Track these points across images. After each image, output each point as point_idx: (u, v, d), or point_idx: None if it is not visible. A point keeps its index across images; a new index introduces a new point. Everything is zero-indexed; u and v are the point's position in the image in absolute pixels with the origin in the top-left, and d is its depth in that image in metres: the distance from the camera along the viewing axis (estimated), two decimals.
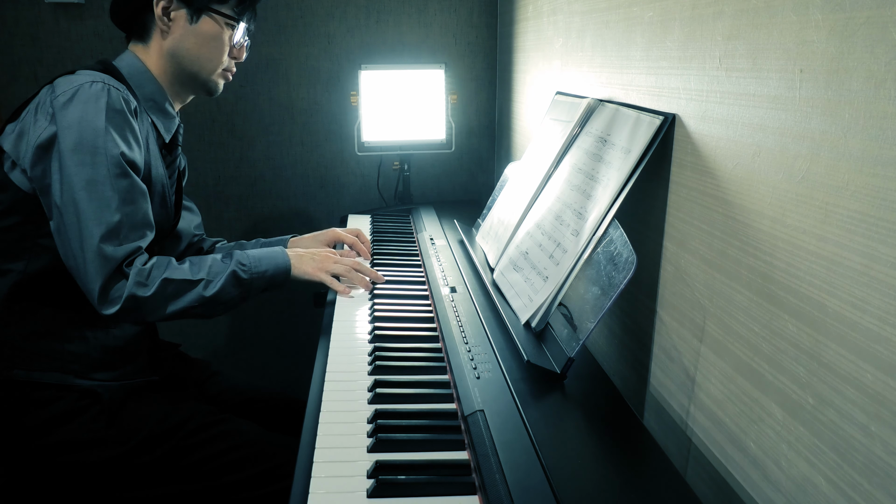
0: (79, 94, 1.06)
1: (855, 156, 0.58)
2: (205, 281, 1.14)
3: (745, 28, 0.73)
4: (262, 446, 1.16)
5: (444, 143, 1.92)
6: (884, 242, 0.55)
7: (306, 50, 1.97)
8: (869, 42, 0.56)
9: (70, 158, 1.04)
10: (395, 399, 0.91)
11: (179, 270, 1.13)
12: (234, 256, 1.19)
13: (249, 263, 1.19)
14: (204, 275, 1.14)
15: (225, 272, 1.16)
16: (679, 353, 0.90)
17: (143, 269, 1.09)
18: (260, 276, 1.20)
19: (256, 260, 1.20)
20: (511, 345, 0.99)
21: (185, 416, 1.16)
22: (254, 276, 1.19)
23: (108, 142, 1.06)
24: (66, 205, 1.04)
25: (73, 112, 1.05)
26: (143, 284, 1.08)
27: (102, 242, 1.05)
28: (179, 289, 1.12)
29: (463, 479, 0.75)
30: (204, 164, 2.02)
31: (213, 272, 1.16)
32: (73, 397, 1.11)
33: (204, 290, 1.13)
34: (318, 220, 2.12)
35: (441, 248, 1.48)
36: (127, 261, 1.08)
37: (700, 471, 0.86)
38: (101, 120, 1.06)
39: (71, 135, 1.04)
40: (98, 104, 1.06)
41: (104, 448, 1.10)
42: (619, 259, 0.86)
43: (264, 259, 1.22)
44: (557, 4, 1.42)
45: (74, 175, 1.04)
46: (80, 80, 1.08)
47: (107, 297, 1.06)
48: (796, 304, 0.67)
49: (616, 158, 0.96)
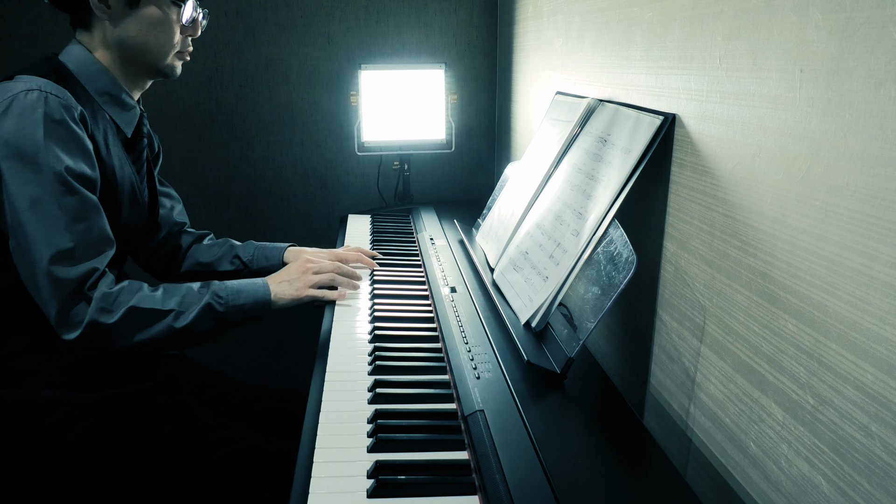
0: (13, 106, 0.98)
1: (855, 156, 0.58)
2: (175, 312, 1.07)
3: (745, 28, 0.73)
4: (259, 451, 1.14)
5: (444, 143, 1.92)
6: (884, 242, 0.55)
7: (306, 50, 1.97)
8: (869, 42, 0.56)
9: (11, 177, 0.97)
10: (395, 399, 0.91)
11: (149, 298, 1.06)
12: (211, 287, 1.13)
13: (227, 296, 1.13)
14: (175, 305, 1.08)
15: (198, 304, 1.09)
16: (679, 353, 0.90)
17: (109, 295, 1.03)
18: (237, 310, 1.13)
19: (235, 292, 1.14)
20: (511, 345, 0.99)
21: (180, 422, 1.13)
22: (230, 310, 1.13)
23: (49, 157, 0.98)
24: (14, 226, 0.98)
25: (9, 126, 0.97)
26: (106, 311, 1.02)
27: (53, 265, 0.98)
28: (147, 318, 1.05)
29: (463, 479, 0.75)
30: (204, 164, 2.02)
31: (187, 303, 1.09)
32: (63, 410, 1.07)
33: (174, 322, 1.07)
34: (318, 220, 2.12)
35: (441, 248, 1.48)
36: (88, 283, 1.01)
37: (700, 471, 0.86)
38: (39, 133, 0.97)
39: (9, 151, 0.97)
40: (35, 116, 0.98)
41: (98, 459, 1.07)
42: (619, 259, 0.86)
43: (244, 291, 1.15)
44: (557, 4, 1.42)
45: (18, 195, 0.97)
46: (15, 88, 0.99)
47: (66, 322, 1.00)
48: (796, 304, 0.67)
49: (616, 158, 0.96)
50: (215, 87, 1.96)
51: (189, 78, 1.94)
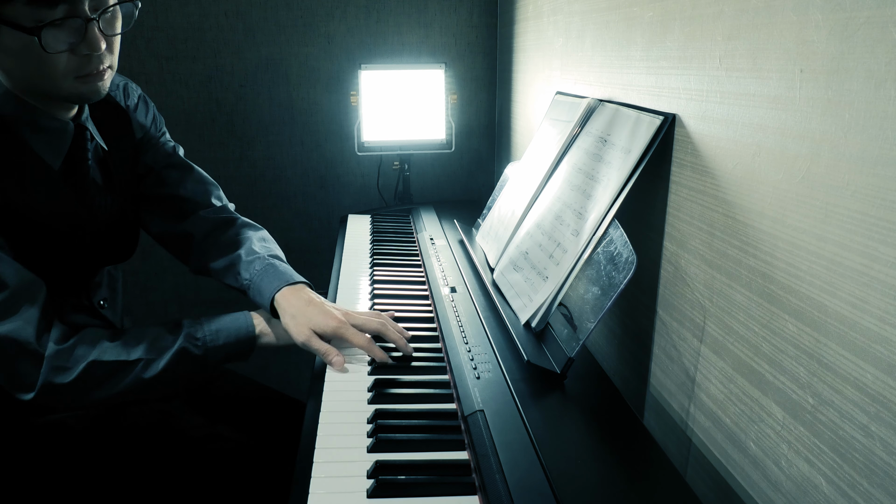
0: None
1: (855, 156, 0.58)
2: (144, 361, 0.95)
3: (745, 28, 0.73)
4: (253, 453, 1.12)
5: (444, 143, 1.92)
6: (884, 242, 0.55)
7: (306, 50, 1.97)
8: (869, 42, 0.56)
9: None
10: (395, 399, 0.91)
11: (111, 349, 0.93)
12: (184, 328, 0.99)
13: (204, 336, 1.00)
14: (142, 353, 0.95)
15: (170, 350, 0.96)
16: (679, 353, 0.90)
17: (62, 350, 0.90)
18: (218, 351, 1.00)
19: (213, 332, 1.00)
20: (511, 345, 0.99)
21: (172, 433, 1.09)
22: (210, 351, 0.99)
23: None
24: None
25: None
26: (62, 369, 0.90)
27: None
28: (112, 372, 0.93)
29: (463, 479, 0.75)
30: (204, 164, 1.99)
31: (156, 349, 0.96)
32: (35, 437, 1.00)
33: (143, 372, 0.95)
34: (318, 220, 2.12)
35: (441, 248, 1.48)
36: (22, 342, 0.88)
37: (700, 471, 0.86)
38: None
39: None
40: None
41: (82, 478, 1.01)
42: (619, 259, 0.86)
43: (224, 330, 1.01)
44: (557, 4, 1.42)
45: None
46: None
47: (16, 385, 0.89)
48: (796, 304, 0.67)
49: (616, 158, 0.96)
50: (215, 87, 1.96)
51: (189, 78, 1.94)
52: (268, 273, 1.11)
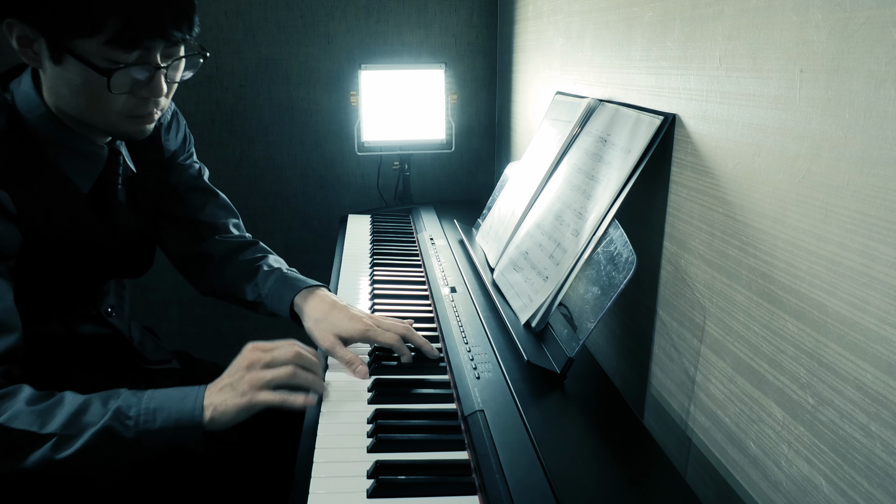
0: None
1: (855, 156, 0.58)
2: (58, 437, 0.77)
3: (745, 28, 0.73)
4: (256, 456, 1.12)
5: (444, 143, 1.92)
6: (884, 242, 0.55)
7: (306, 50, 1.97)
8: (869, 42, 0.56)
9: None
10: (395, 399, 0.91)
11: (26, 415, 0.77)
12: (119, 401, 0.81)
13: (139, 415, 0.81)
14: (58, 427, 0.77)
15: (93, 427, 0.78)
16: (679, 353, 0.90)
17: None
18: (154, 436, 0.81)
19: (150, 411, 0.81)
20: (511, 345, 0.99)
21: None
22: (143, 436, 0.80)
23: None
24: None
25: None
26: None
27: None
28: (16, 443, 0.77)
29: (463, 479, 0.75)
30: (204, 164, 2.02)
31: (79, 424, 0.79)
32: None
33: (54, 452, 0.77)
34: (318, 220, 2.12)
35: (441, 248, 1.48)
36: None
37: (700, 471, 0.86)
38: None
39: None
40: None
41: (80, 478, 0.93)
42: (619, 259, 0.86)
43: (163, 409, 0.82)
44: (557, 4, 1.42)
45: None
46: None
47: None
48: (796, 304, 0.67)
49: (616, 158, 0.96)
50: (215, 87, 1.96)
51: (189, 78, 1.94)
52: (287, 280, 1.12)
